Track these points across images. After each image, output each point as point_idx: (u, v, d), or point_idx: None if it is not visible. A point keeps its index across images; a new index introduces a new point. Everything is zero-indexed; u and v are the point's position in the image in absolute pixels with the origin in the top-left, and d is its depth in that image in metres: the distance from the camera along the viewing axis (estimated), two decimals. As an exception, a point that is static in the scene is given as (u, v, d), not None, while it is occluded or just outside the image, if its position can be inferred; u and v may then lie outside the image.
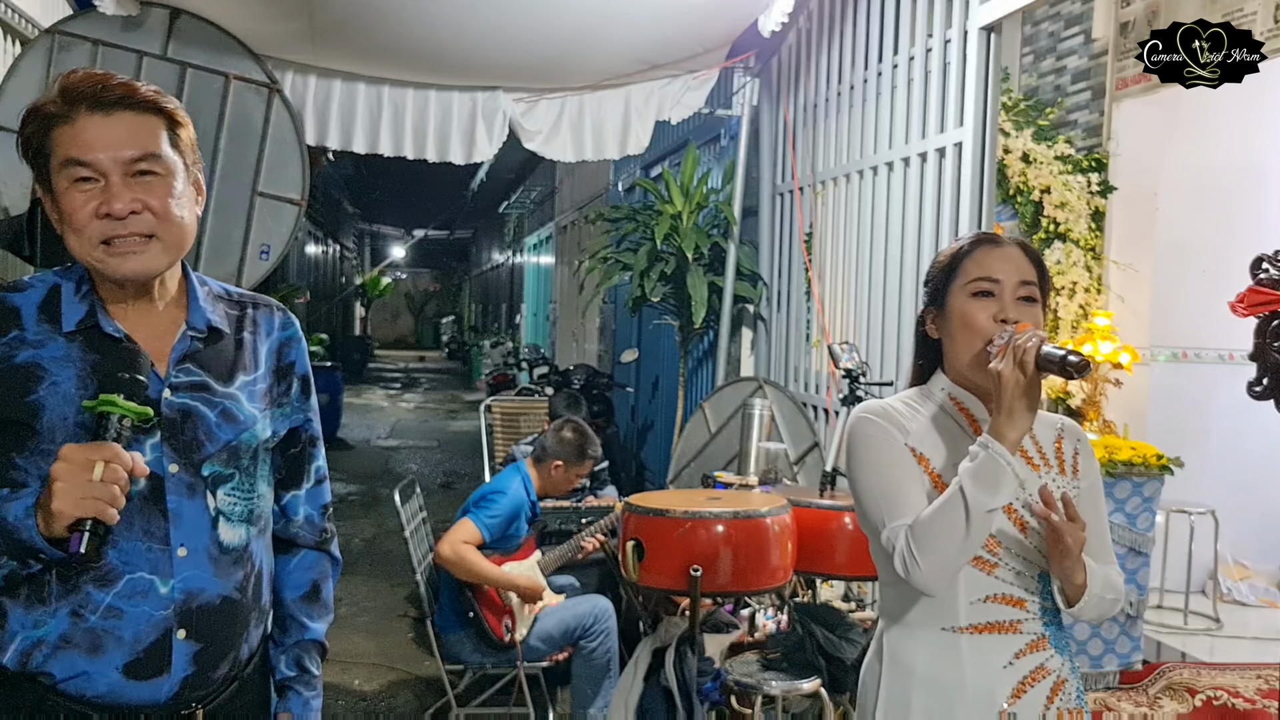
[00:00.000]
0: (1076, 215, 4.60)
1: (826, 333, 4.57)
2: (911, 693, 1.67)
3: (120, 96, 1.43)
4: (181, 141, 1.49)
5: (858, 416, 1.72)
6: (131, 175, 1.42)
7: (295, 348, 1.64)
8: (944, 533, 1.55)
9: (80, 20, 4.32)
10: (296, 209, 4.60)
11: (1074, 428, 1.81)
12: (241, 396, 1.53)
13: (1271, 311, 2.02)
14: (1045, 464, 1.73)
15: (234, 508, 1.51)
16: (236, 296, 1.61)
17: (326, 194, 17.36)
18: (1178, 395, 4.81)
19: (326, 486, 1.73)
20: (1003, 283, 1.64)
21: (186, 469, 1.46)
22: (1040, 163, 4.63)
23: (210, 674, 1.48)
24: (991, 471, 1.54)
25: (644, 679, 3.21)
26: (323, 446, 1.71)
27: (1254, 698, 3.20)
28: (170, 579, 1.44)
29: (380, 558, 6.77)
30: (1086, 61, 5.02)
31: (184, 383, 1.48)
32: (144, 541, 1.43)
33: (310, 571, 1.70)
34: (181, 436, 1.46)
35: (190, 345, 1.50)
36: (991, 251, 1.67)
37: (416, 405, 16.18)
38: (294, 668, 1.65)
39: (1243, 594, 4.58)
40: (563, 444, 4.01)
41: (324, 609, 1.71)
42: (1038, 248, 4.58)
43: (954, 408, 1.71)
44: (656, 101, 5.15)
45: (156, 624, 1.43)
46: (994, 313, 1.63)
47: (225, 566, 1.49)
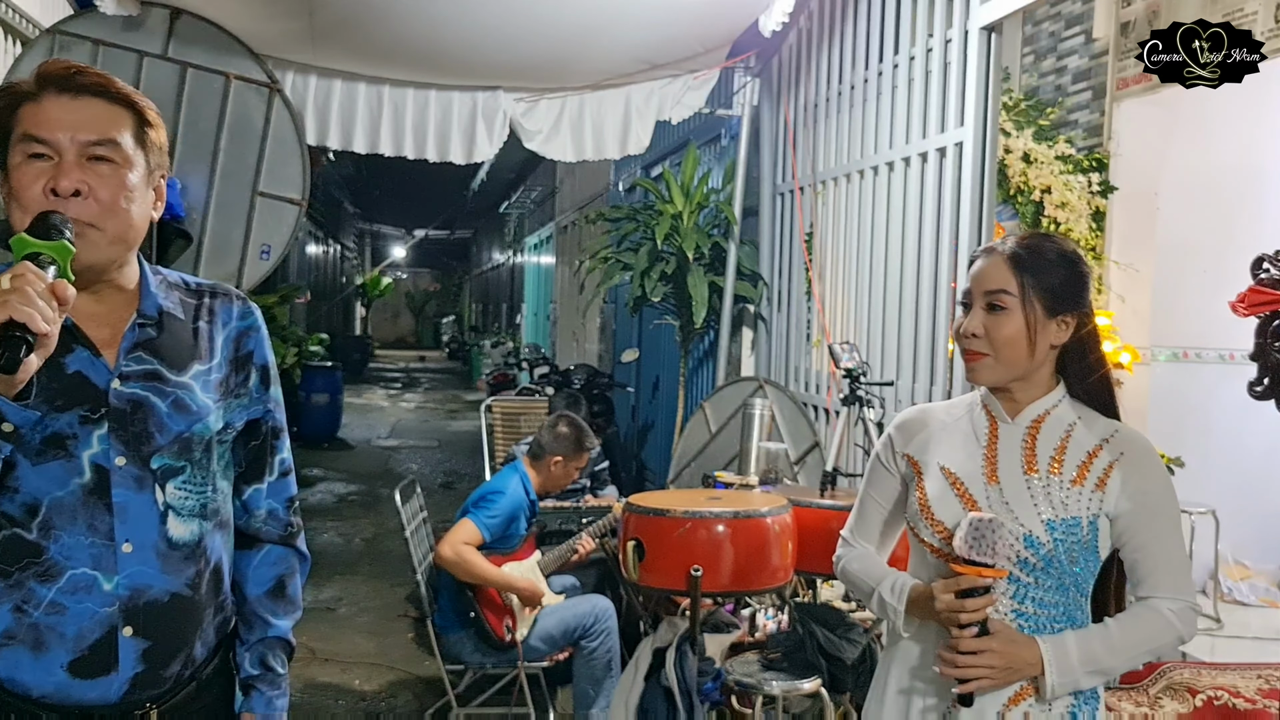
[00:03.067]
0: (1077, 215, 4.60)
1: (827, 333, 4.57)
2: (890, 669, 1.81)
3: (92, 84, 1.41)
4: (149, 141, 1.45)
5: (893, 422, 1.89)
6: (87, 159, 1.38)
7: (254, 337, 1.59)
8: (854, 585, 1.89)
9: (81, 20, 4.32)
10: (297, 209, 4.60)
11: (1125, 442, 1.71)
12: (195, 386, 1.49)
13: (1272, 311, 2.02)
14: (1051, 470, 1.69)
15: (185, 502, 1.47)
16: (194, 285, 1.57)
17: (327, 194, 17.35)
18: (1178, 395, 4.81)
19: (292, 479, 1.67)
20: (973, 293, 1.73)
21: (135, 462, 1.42)
22: (1041, 163, 4.62)
23: (161, 672, 1.45)
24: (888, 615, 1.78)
25: (644, 679, 3.21)
26: (287, 439, 1.66)
27: (1255, 698, 3.19)
28: (114, 575, 1.40)
29: (380, 558, 6.77)
30: (1087, 61, 5.02)
31: (135, 371, 1.44)
32: (87, 536, 1.39)
33: (275, 567, 1.64)
34: (130, 428, 1.42)
35: (141, 334, 1.46)
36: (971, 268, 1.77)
37: (417, 405, 16.18)
38: (258, 666, 1.60)
39: (1243, 594, 4.58)
40: (559, 439, 4.01)
41: (290, 605, 1.65)
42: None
43: (981, 409, 1.79)
44: (657, 101, 5.15)
45: (101, 621, 1.40)
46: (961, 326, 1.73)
47: (175, 563, 1.45)
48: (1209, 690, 3.20)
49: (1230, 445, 4.60)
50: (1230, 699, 3.17)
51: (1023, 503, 1.68)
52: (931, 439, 1.80)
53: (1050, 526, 1.66)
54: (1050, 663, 1.63)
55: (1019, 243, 1.73)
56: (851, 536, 1.91)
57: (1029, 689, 1.67)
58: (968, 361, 1.74)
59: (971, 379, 1.77)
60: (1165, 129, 4.76)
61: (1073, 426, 1.73)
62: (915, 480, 1.78)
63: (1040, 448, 1.72)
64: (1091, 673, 1.65)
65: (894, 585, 1.77)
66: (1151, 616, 1.67)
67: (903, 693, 1.77)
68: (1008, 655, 1.62)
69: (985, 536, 1.60)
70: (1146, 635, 1.67)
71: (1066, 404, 1.74)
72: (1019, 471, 1.70)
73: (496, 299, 24.51)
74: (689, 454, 5.00)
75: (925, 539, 1.74)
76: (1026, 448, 1.72)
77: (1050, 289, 1.69)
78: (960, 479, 1.73)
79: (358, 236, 28.32)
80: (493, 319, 24.74)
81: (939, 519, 1.71)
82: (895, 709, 1.78)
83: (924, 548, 1.75)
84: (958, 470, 1.74)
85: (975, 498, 1.70)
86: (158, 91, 4.38)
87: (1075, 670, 1.64)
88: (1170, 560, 1.69)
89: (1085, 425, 1.73)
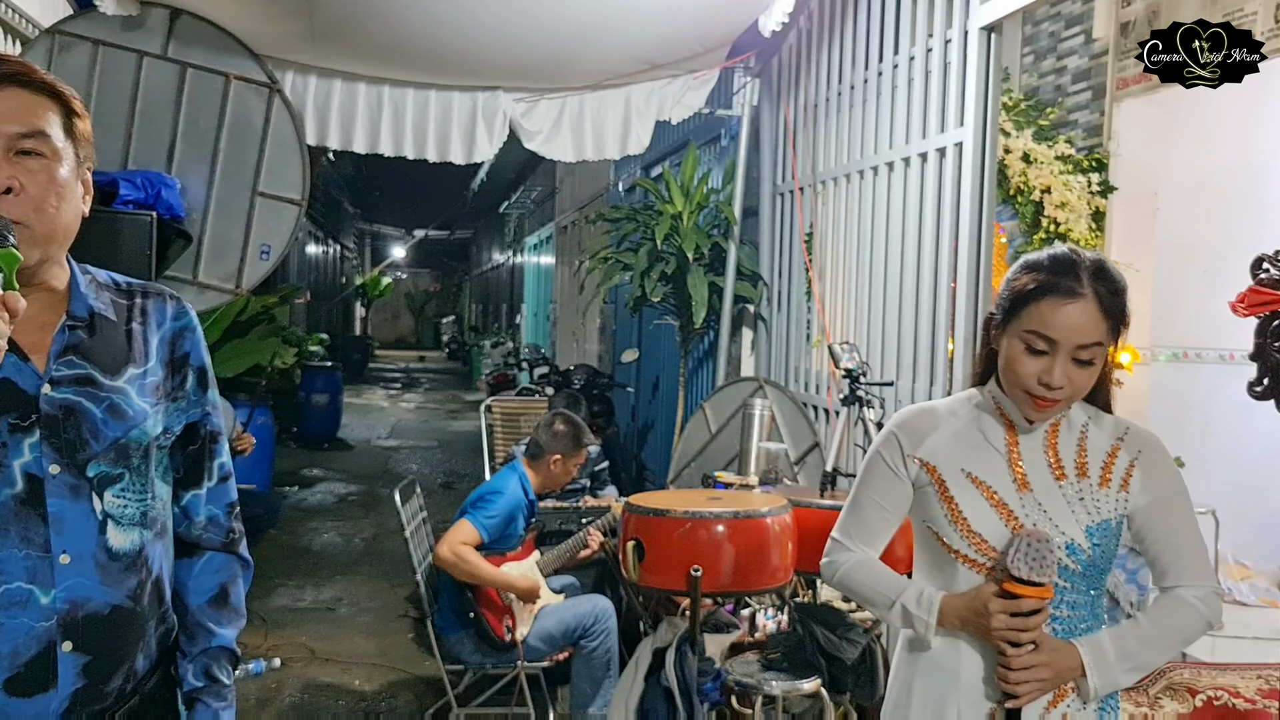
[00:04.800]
0: (1077, 215, 4.60)
1: (827, 333, 4.56)
2: (915, 677, 1.75)
3: (13, 73, 1.35)
4: (76, 131, 1.40)
5: (891, 422, 1.82)
6: (14, 153, 1.32)
7: (189, 338, 1.53)
8: (859, 593, 1.80)
9: (80, 20, 4.32)
10: (297, 209, 4.60)
11: (1140, 438, 1.72)
12: (130, 390, 1.43)
13: (1272, 311, 2.02)
14: (1079, 474, 1.69)
15: (124, 510, 1.41)
16: (125, 285, 1.51)
17: (326, 194, 17.35)
18: (1178, 395, 4.80)
19: (232, 484, 1.62)
20: (1059, 344, 1.60)
21: (69, 469, 1.36)
22: (1041, 163, 4.62)
23: (103, 687, 1.39)
24: (915, 627, 1.71)
25: (644, 679, 3.21)
26: (225, 443, 1.62)
27: (1255, 698, 3.19)
28: (51, 588, 1.34)
29: (380, 558, 6.77)
30: (1087, 61, 5.01)
31: (66, 376, 1.38)
32: (21, 548, 1.33)
33: (217, 575, 1.58)
34: (63, 435, 1.36)
35: (72, 336, 1.40)
36: (1058, 307, 1.59)
37: (417, 405, 16.18)
38: (202, 678, 1.54)
39: (1243, 594, 4.57)
40: (556, 437, 4.01)
41: (234, 614, 1.60)
42: (1037, 248, 4.57)
43: (994, 408, 1.74)
44: (657, 101, 5.15)
45: (38, 636, 1.34)
46: (1039, 371, 1.61)
47: (115, 573, 1.39)
48: (1209, 690, 3.20)
49: (1230, 445, 4.60)
50: (1230, 699, 3.17)
51: (1060, 510, 1.67)
52: (944, 442, 1.74)
53: (1090, 533, 1.67)
54: (1091, 666, 1.64)
55: (1103, 283, 1.62)
56: (847, 540, 1.82)
57: (1066, 690, 1.67)
58: (1038, 406, 1.64)
59: (1034, 419, 1.69)
60: (1165, 129, 4.76)
61: (1086, 427, 1.72)
62: (936, 487, 1.72)
63: (1063, 452, 1.70)
64: (1129, 670, 1.66)
65: (921, 598, 1.70)
66: (1179, 606, 1.70)
67: (932, 704, 1.73)
68: (1054, 665, 1.63)
69: (1044, 556, 1.57)
70: (1177, 625, 1.69)
71: (1075, 404, 1.73)
72: (1049, 478, 1.68)
73: (496, 299, 24.51)
74: (689, 454, 5.00)
75: (960, 550, 1.69)
76: (1050, 453, 1.70)
77: (1115, 337, 1.65)
78: (992, 488, 1.68)
79: (358, 236, 28.31)
80: (493, 319, 24.74)
81: (977, 531, 1.67)
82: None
83: (954, 558, 1.69)
84: (986, 478, 1.69)
85: (1012, 508, 1.67)
86: (158, 92, 4.39)
87: (1114, 670, 1.65)
88: (1193, 549, 1.71)
89: (1096, 425, 1.73)
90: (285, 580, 6.16)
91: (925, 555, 1.78)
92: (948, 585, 1.71)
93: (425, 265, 33.95)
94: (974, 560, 1.68)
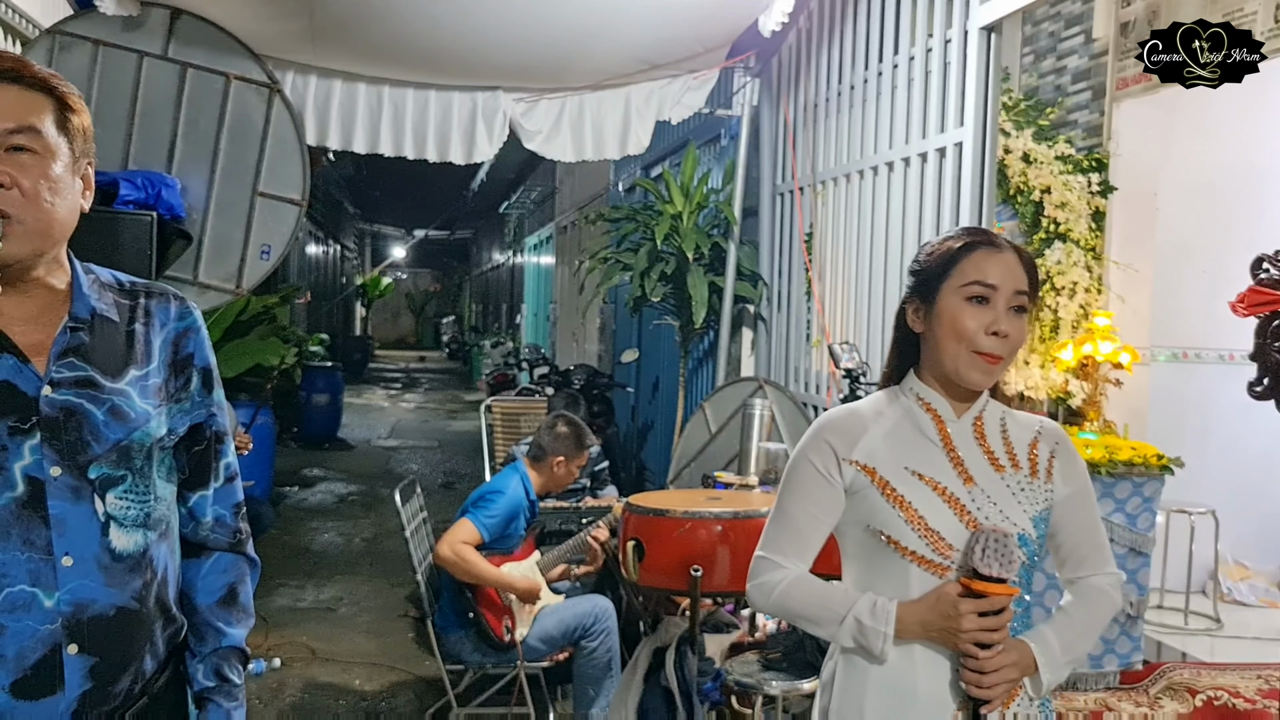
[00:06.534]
0: (1077, 215, 4.60)
1: (827, 333, 4.57)
2: (866, 694, 1.65)
3: (6, 69, 1.34)
4: (72, 127, 1.39)
5: (816, 427, 1.73)
6: (6, 150, 1.32)
7: (194, 338, 1.52)
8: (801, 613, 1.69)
9: (80, 20, 4.32)
10: (297, 209, 4.60)
11: (1054, 431, 1.75)
12: (132, 392, 1.42)
13: (1272, 311, 2.02)
14: (1013, 465, 1.68)
15: (127, 512, 1.40)
16: (129, 285, 1.50)
17: (327, 194, 17.36)
18: (1178, 395, 4.80)
19: (238, 484, 1.62)
20: (999, 290, 1.61)
21: (71, 472, 1.35)
22: (1040, 163, 4.62)
23: (110, 689, 1.39)
24: (870, 641, 1.61)
25: (644, 679, 3.21)
26: (232, 443, 1.61)
27: (1254, 698, 3.19)
28: (55, 591, 1.34)
29: (380, 557, 6.77)
30: (1087, 61, 5.01)
31: (67, 379, 1.37)
32: (24, 551, 1.32)
33: (225, 575, 1.58)
34: (64, 437, 1.35)
35: (73, 338, 1.39)
36: (990, 256, 1.63)
37: (417, 405, 16.18)
38: (213, 677, 1.54)
39: (1243, 594, 4.57)
40: (559, 439, 4.01)
41: (243, 613, 1.60)
42: (1037, 248, 4.58)
43: (921, 409, 1.69)
44: (656, 101, 5.15)
45: (43, 639, 1.34)
46: (987, 323, 1.60)
47: (119, 575, 1.39)
48: (1209, 690, 3.20)
49: (1230, 445, 4.60)
50: (1230, 699, 3.17)
51: (1008, 502, 1.65)
52: (879, 442, 1.67)
53: (1035, 522, 1.66)
54: (1043, 663, 1.63)
55: (1009, 242, 1.67)
56: (779, 556, 1.71)
57: (1018, 689, 1.65)
58: (987, 364, 1.61)
59: (979, 385, 1.65)
60: (1165, 129, 4.76)
61: (1004, 420, 1.72)
62: (878, 489, 1.64)
63: (993, 444, 1.68)
64: (1070, 662, 1.67)
65: (875, 608, 1.61)
66: (1099, 595, 1.73)
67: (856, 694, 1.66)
68: (1020, 664, 1.61)
69: (1010, 552, 1.55)
70: (1102, 615, 1.73)
71: (986, 397, 1.71)
72: (989, 470, 1.66)
73: (496, 299, 24.51)
74: (689, 454, 5.00)
75: (915, 551, 1.61)
76: (981, 444, 1.68)
77: (1035, 295, 1.66)
78: (941, 484, 1.64)
79: (358, 237, 28.31)
80: (493, 319, 24.74)
81: (935, 529, 1.61)
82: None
83: (908, 560, 1.62)
84: (932, 474, 1.64)
85: (964, 503, 1.63)
86: (158, 92, 4.39)
87: (1060, 663, 1.65)
88: (1102, 539, 1.76)
89: (1011, 418, 1.73)
90: (286, 580, 6.16)
91: (867, 563, 1.69)
92: (899, 592, 1.63)
93: (425, 265, 33.95)
94: (930, 561, 1.61)
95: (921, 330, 1.69)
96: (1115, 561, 1.78)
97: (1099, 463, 3.33)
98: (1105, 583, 1.73)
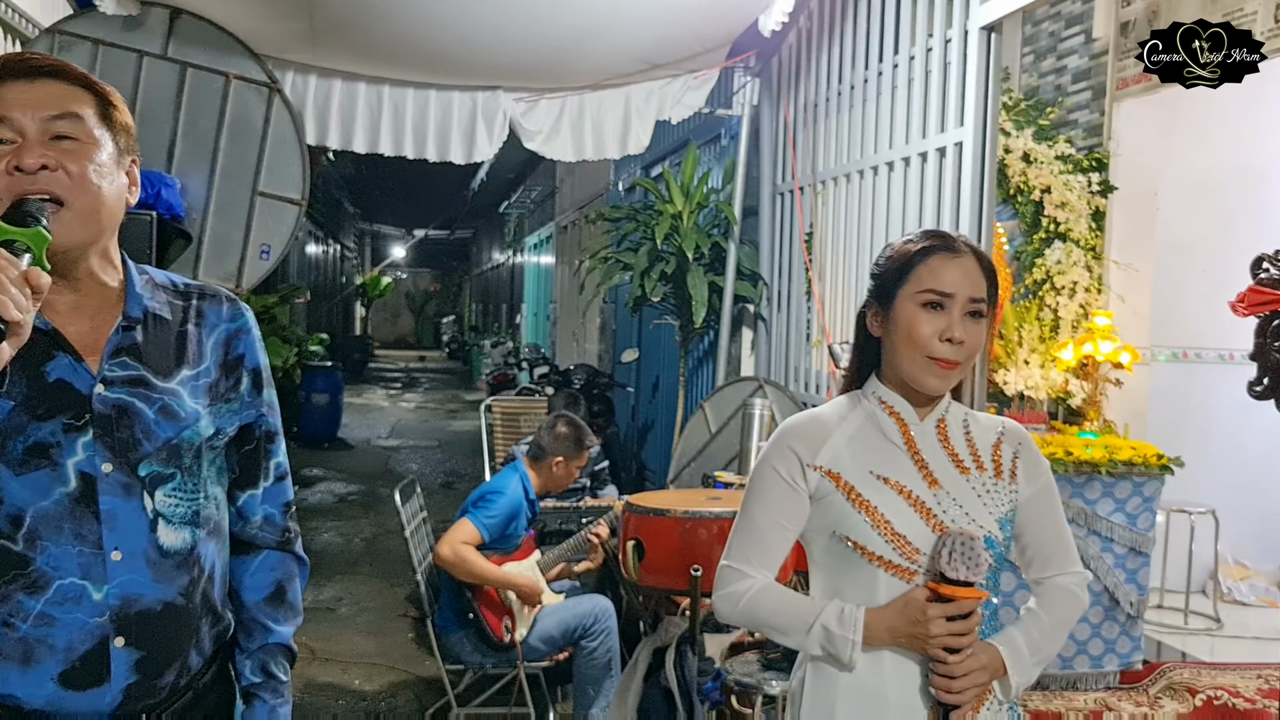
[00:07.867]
0: (1077, 215, 4.60)
1: (827, 333, 4.57)
2: (835, 702, 1.65)
3: (48, 67, 1.37)
4: (115, 121, 1.41)
5: (779, 434, 1.73)
6: (50, 138, 1.34)
7: (245, 339, 1.54)
8: (768, 623, 1.67)
9: (80, 20, 4.32)
10: (297, 209, 4.60)
11: (1017, 431, 1.74)
12: (183, 392, 1.44)
13: (1272, 311, 2.02)
14: (978, 467, 1.68)
15: (175, 509, 1.43)
16: (182, 286, 1.52)
17: (327, 194, 17.37)
18: (1178, 395, 4.80)
19: (288, 484, 1.63)
20: (954, 297, 1.60)
21: (122, 468, 1.38)
22: (1040, 162, 4.62)
23: (155, 682, 1.41)
24: (838, 649, 1.60)
25: (644, 679, 3.21)
26: (282, 442, 1.62)
27: (1254, 698, 3.20)
28: (104, 584, 1.36)
29: (380, 557, 6.77)
30: (1087, 61, 5.01)
31: (119, 377, 1.40)
32: (75, 545, 1.35)
33: (273, 573, 1.61)
34: (116, 434, 1.38)
35: (126, 337, 1.41)
36: (947, 262, 1.62)
37: (417, 405, 16.19)
38: (259, 674, 1.57)
39: (1243, 594, 4.57)
40: (559, 439, 4.01)
41: (290, 611, 1.62)
42: (1037, 248, 4.58)
43: (884, 412, 1.69)
44: (657, 101, 5.15)
45: (91, 631, 1.36)
46: (941, 329, 1.60)
47: (166, 571, 1.41)
48: (1209, 690, 3.21)
49: (1230, 445, 4.60)
50: (1230, 699, 3.17)
51: (974, 505, 1.64)
52: (843, 447, 1.66)
53: (1002, 524, 1.66)
54: (1012, 665, 1.63)
55: (975, 250, 1.66)
56: (745, 565, 1.69)
57: (987, 692, 1.65)
58: (942, 369, 1.60)
59: (934, 390, 1.64)
60: (1165, 129, 4.76)
61: (966, 422, 1.71)
62: (844, 494, 1.63)
63: (956, 446, 1.68)
64: (1038, 664, 1.67)
65: (843, 615, 1.60)
66: (1066, 595, 1.73)
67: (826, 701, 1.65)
68: (989, 667, 1.61)
69: (978, 555, 1.54)
70: (1068, 614, 1.73)
71: (949, 399, 1.71)
72: (954, 472, 1.66)
73: (496, 299, 24.52)
74: (689, 454, 5.00)
75: (883, 556, 1.61)
76: (945, 447, 1.67)
77: (995, 299, 1.66)
78: (906, 488, 1.63)
79: (358, 236, 28.33)
80: (493, 319, 24.75)
81: (901, 533, 1.60)
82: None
83: (875, 566, 1.61)
84: (898, 478, 1.64)
85: (930, 507, 1.62)
86: (158, 91, 4.39)
87: (1028, 665, 1.65)
88: (1067, 537, 1.76)
89: (973, 419, 1.73)
90: (285, 580, 6.16)
91: (834, 570, 1.68)
92: (866, 599, 1.62)
93: (425, 265, 33.96)
94: (897, 566, 1.61)
95: (880, 335, 1.69)
96: (1080, 561, 1.77)
97: (1099, 462, 3.33)
98: (1071, 582, 1.73)
